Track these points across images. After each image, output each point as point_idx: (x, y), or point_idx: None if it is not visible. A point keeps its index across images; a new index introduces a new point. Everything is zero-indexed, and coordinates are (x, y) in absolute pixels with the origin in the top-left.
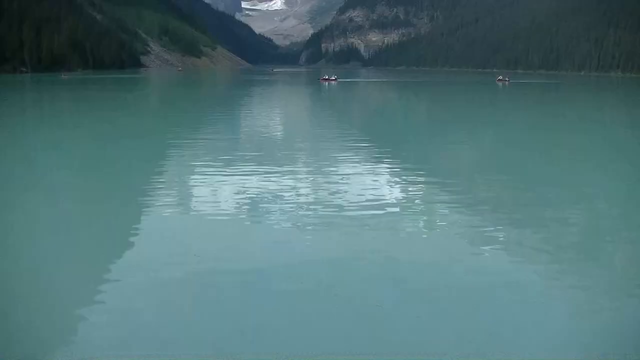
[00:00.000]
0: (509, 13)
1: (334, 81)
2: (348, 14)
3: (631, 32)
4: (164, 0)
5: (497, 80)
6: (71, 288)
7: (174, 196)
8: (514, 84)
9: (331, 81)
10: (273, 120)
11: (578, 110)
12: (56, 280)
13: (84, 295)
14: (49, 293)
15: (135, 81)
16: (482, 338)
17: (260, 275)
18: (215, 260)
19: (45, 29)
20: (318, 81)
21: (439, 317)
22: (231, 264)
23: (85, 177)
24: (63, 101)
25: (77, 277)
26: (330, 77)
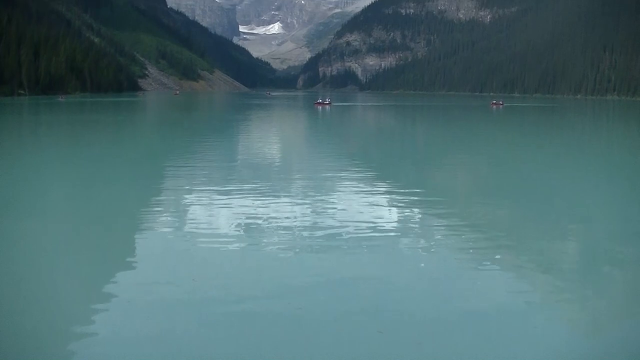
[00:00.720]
0: (505, 37)
1: (327, 105)
2: (345, 38)
3: (626, 56)
4: (161, 23)
5: (491, 104)
6: (66, 312)
7: (172, 220)
8: (509, 107)
9: (325, 105)
10: (268, 145)
11: (569, 132)
12: (50, 305)
13: (79, 320)
14: (41, 318)
15: (133, 104)
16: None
17: (259, 301)
18: (214, 285)
19: (44, 52)
20: (313, 105)
21: (440, 344)
22: (230, 288)
23: (81, 201)
24: (60, 124)
25: (72, 302)
26: (324, 101)
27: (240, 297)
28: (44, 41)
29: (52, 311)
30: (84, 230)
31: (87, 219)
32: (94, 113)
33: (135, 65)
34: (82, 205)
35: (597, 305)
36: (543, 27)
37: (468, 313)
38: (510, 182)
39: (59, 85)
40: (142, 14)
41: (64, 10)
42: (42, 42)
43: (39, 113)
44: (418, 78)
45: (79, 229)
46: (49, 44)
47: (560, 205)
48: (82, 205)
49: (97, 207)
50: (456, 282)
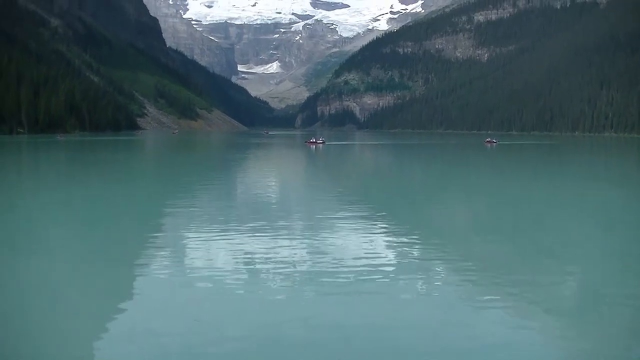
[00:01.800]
0: (502, 75)
1: (321, 144)
2: (343, 77)
3: (623, 93)
4: (160, 63)
5: (485, 142)
6: (66, 351)
7: (172, 260)
8: (503, 145)
9: (318, 144)
10: (265, 184)
11: (558, 169)
12: (53, 345)
13: (82, 356)
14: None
15: (131, 143)
16: None
17: (259, 341)
18: (216, 325)
19: (43, 91)
20: (309, 143)
21: None
22: (231, 329)
23: (80, 241)
24: (59, 163)
25: (77, 341)
26: (317, 140)
27: (241, 337)
28: (44, 80)
29: (51, 352)
30: (84, 270)
31: (87, 259)
32: (92, 152)
33: (134, 104)
34: (82, 245)
35: (598, 345)
36: (540, 65)
37: (466, 353)
38: (503, 219)
39: (58, 124)
40: (141, 53)
41: (64, 49)
42: (41, 82)
43: (37, 152)
44: (416, 117)
45: (78, 269)
46: (48, 83)
47: (554, 243)
48: (82, 245)
49: (97, 246)
50: (455, 322)
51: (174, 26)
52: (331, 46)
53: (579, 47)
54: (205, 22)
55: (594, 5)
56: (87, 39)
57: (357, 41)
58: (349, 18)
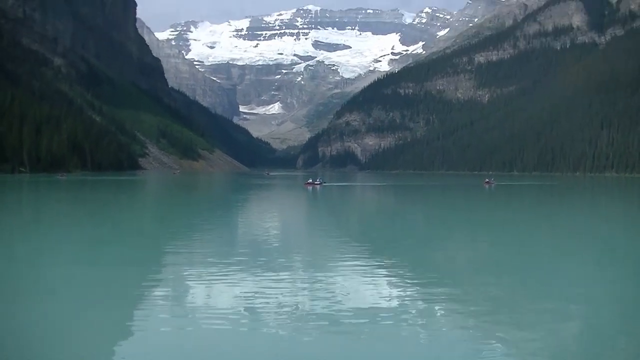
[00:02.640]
0: (503, 116)
1: (318, 185)
2: (345, 118)
3: (624, 132)
4: (162, 103)
5: (484, 183)
6: None
7: (171, 302)
8: (502, 186)
9: (316, 185)
10: (264, 226)
11: (555, 210)
12: None
13: None
14: None
15: (133, 183)
16: None
17: None
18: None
19: (46, 130)
20: (307, 184)
21: None
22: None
23: (80, 282)
24: (59, 203)
25: None
26: (315, 182)
27: None
28: (46, 120)
29: None
30: (83, 312)
31: (87, 301)
32: (94, 192)
33: (136, 144)
34: (82, 286)
35: None
36: (541, 105)
37: None
38: (501, 260)
39: (60, 163)
40: (144, 93)
41: (67, 89)
42: (44, 121)
43: (39, 191)
44: (417, 158)
45: (78, 311)
46: (51, 122)
47: (554, 283)
48: (82, 286)
49: (97, 288)
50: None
51: (177, 66)
52: (333, 87)
53: (579, 87)
54: (207, 63)
55: (594, 46)
56: (90, 79)
57: (358, 82)
58: (351, 59)
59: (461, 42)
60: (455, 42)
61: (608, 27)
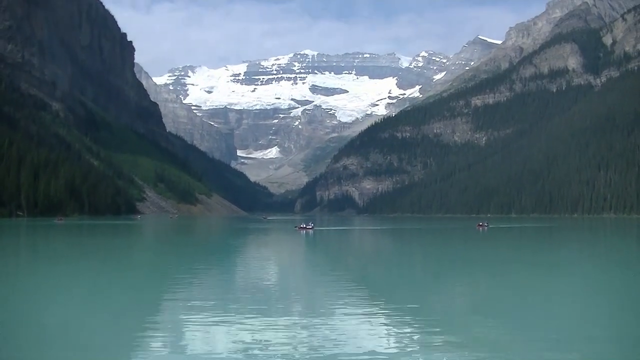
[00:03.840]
0: (500, 159)
1: (310, 229)
2: (342, 162)
3: (621, 174)
4: (160, 147)
5: (477, 226)
6: None
7: (170, 348)
8: (496, 229)
9: (308, 229)
10: (260, 272)
11: (547, 253)
12: None
13: None
14: None
15: (130, 228)
16: None
17: None
18: None
19: (43, 175)
20: (300, 228)
21: None
22: None
23: (76, 329)
24: (55, 247)
25: None
26: (307, 226)
27: None
28: (44, 164)
29: None
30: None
31: (87, 347)
32: (91, 236)
33: (133, 189)
34: (79, 334)
35: None
36: (538, 147)
37: None
38: (492, 304)
39: (58, 207)
40: (141, 137)
41: (65, 133)
42: (41, 165)
43: (36, 235)
44: (415, 201)
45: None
46: (48, 166)
47: (549, 326)
48: (80, 334)
49: (94, 334)
50: None
51: (174, 111)
52: (330, 131)
53: (576, 129)
54: (205, 108)
55: (590, 88)
56: (88, 123)
57: (355, 126)
58: (348, 103)
59: (458, 86)
60: (452, 85)
61: (603, 69)
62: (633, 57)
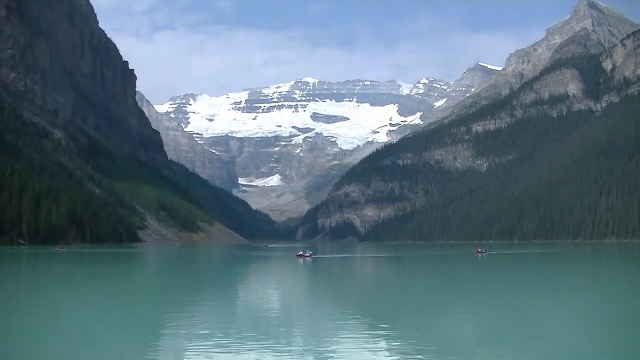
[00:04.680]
0: (501, 185)
1: (308, 257)
2: (344, 190)
3: (622, 198)
4: (161, 175)
5: (475, 252)
6: None
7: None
8: (496, 255)
9: (306, 257)
10: (261, 300)
11: (545, 282)
12: None
13: None
14: None
15: (132, 256)
16: None
17: None
18: None
19: (45, 202)
20: (295, 257)
21: None
22: None
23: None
24: (56, 275)
25: None
26: (305, 254)
27: None
28: (46, 192)
29: None
30: None
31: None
32: (93, 265)
33: (135, 217)
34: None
35: None
36: (539, 173)
37: None
38: (486, 335)
39: (59, 235)
40: (143, 165)
41: (66, 161)
42: (43, 193)
43: (37, 264)
44: (417, 228)
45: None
46: (50, 194)
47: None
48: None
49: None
50: None
51: (176, 139)
52: (331, 159)
53: (577, 154)
54: (206, 135)
55: (590, 113)
56: (90, 151)
57: (357, 153)
58: (349, 131)
59: (459, 112)
60: (453, 112)
61: (603, 94)
62: (633, 82)
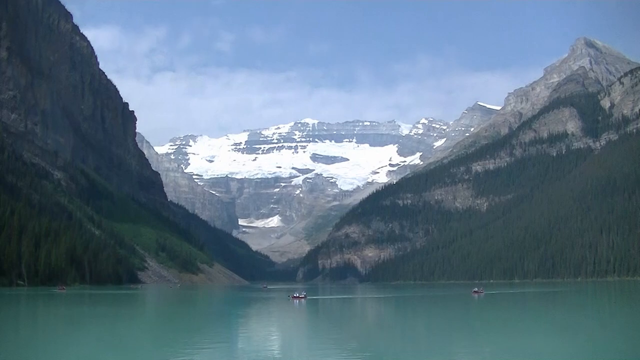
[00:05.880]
0: (502, 224)
1: (302, 298)
2: (344, 230)
3: (623, 236)
4: (161, 216)
5: (472, 293)
6: None
7: None
8: (493, 295)
9: (301, 298)
10: (260, 343)
11: (536, 323)
12: None
13: None
14: None
15: (131, 298)
16: None
17: None
18: None
19: (44, 243)
20: (289, 298)
21: None
22: None
23: None
24: (56, 317)
25: None
26: (299, 295)
27: None
28: (45, 233)
29: None
30: None
31: None
32: (93, 306)
33: (135, 258)
34: None
35: None
36: (539, 212)
37: None
38: None
39: (59, 276)
40: (143, 206)
41: (66, 202)
42: (43, 234)
43: (37, 305)
44: (417, 268)
45: None
46: (50, 235)
47: None
48: None
49: None
50: None
51: (176, 180)
52: (331, 199)
53: (577, 193)
54: (206, 177)
55: (589, 151)
56: (90, 192)
57: (357, 194)
58: (349, 171)
59: (458, 152)
60: (452, 151)
61: (602, 132)
62: (631, 120)
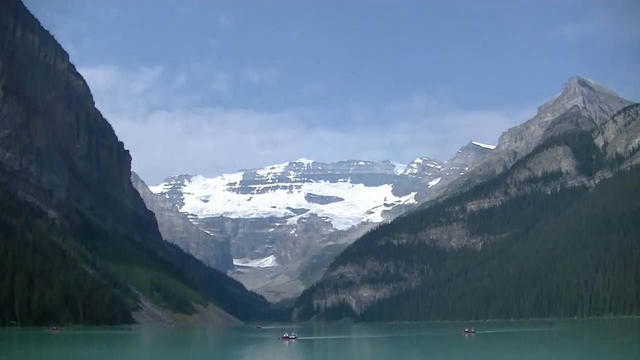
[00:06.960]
0: (497, 263)
1: (293, 339)
2: (339, 270)
3: (619, 274)
4: (156, 256)
5: (463, 332)
6: None
7: None
8: (484, 335)
9: (291, 339)
10: None
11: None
12: None
13: None
14: None
15: (125, 338)
16: None
17: None
18: None
19: (38, 283)
20: (280, 338)
21: None
22: None
23: None
24: (49, 358)
25: None
26: (290, 336)
27: None
28: (39, 272)
29: None
30: None
31: None
32: (86, 347)
33: (129, 298)
34: None
35: None
36: (534, 251)
37: None
38: None
39: (52, 316)
40: (137, 246)
41: (60, 241)
42: (36, 273)
43: (29, 346)
44: (413, 308)
45: None
46: (43, 275)
47: None
48: None
49: None
50: None
51: (170, 220)
52: (326, 239)
53: (572, 231)
54: (201, 217)
55: (584, 189)
56: (84, 231)
57: (352, 234)
58: (344, 211)
59: (453, 191)
60: (447, 191)
61: (596, 170)
62: (625, 158)
